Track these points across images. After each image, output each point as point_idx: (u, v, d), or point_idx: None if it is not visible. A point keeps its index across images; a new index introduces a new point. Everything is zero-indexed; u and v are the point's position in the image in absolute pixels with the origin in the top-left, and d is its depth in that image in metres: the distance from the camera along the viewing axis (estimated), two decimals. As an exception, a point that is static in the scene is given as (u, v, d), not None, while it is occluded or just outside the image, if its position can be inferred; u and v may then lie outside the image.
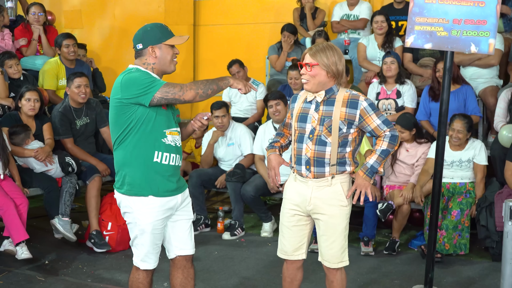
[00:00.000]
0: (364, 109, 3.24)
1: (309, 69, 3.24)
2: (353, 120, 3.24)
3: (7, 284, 4.51)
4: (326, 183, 3.30)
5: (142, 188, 3.15)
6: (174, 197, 3.24)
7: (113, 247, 5.21)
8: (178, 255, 3.37)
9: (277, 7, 7.99)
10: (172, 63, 3.24)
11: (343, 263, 3.39)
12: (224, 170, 6.07)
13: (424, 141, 5.47)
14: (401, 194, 5.22)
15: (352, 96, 3.26)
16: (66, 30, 7.54)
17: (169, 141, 3.19)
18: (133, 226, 3.23)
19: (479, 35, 3.83)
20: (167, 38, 3.20)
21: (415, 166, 5.42)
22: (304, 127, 3.30)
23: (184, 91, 3.04)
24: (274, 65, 7.10)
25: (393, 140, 3.27)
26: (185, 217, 3.35)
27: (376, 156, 3.28)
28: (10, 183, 4.86)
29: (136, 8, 8.37)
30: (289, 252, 3.46)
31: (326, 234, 3.35)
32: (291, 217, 3.41)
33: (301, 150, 3.31)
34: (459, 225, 4.97)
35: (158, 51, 3.19)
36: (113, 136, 3.21)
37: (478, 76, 6.12)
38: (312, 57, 3.25)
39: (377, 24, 6.55)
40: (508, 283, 3.85)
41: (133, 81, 3.09)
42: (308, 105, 3.33)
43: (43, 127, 5.35)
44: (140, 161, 3.14)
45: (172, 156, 3.21)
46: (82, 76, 5.47)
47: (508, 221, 3.83)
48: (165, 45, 3.20)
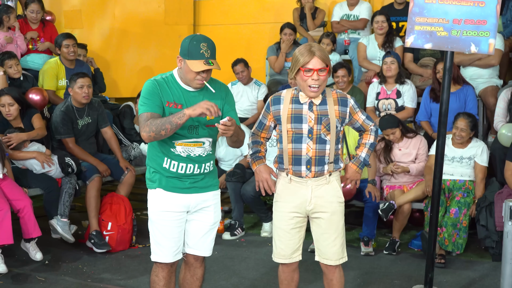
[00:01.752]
0: (352, 106, 3.35)
1: (323, 73, 3.19)
2: (345, 117, 3.34)
3: (7, 284, 4.51)
4: (324, 181, 3.32)
5: (153, 182, 3.29)
6: (186, 195, 3.27)
7: (113, 247, 5.21)
8: (188, 253, 3.43)
9: (277, 7, 7.99)
10: (193, 82, 3.15)
11: (343, 259, 3.42)
12: (224, 170, 6.07)
13: (412, 135, 5.50)
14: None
15: (341, 95, 3.35)
16: (66, 30, 7.53)
17: (178, 151, 3.21)
18: (149, 217, 3.36)
19: (479, 35, 3.83)
20: (191, 59, 3.08)
21: (415, 159, 5.44)
22: (301, 127, 3.27)
23: (141, 131, 3.11)
24: (273, 66, 7.10)
25: (377, 134, 3.48)
26: (203, 220, 3.36)
27: (366, 150, 3.46)
28: (10, 184, 4.83)
29: (136, 8, 8.37)
30: (287, 255, 3.43)
31: (328, 232, 3.36)
32: (290, 220, 3.38)
33: (299, 150, 3.29)
34: (458, 224, 4.97)
35: (183, 65, 3.16)
36: None
37: (478, 76, 6.12)
38: (324, 61, 3.19)
39: (377, 24, 6.55)
40: (508, 283, 3.85)
41: (142, 91, 3.20)
42: (300, 106, 3.29)
43: (31, 120, 5.31)
44: (153, 161, 3.29)
45: (182, 166, 3.23)
46: (85, 76, 5.48)
47: (508, 221, 3.83)
48: (187, 64, 3.12)
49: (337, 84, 6.00)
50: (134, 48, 8.28)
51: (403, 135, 5.47)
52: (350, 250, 5.24)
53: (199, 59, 3.08)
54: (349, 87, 6.14)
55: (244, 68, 6.66)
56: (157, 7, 8.30)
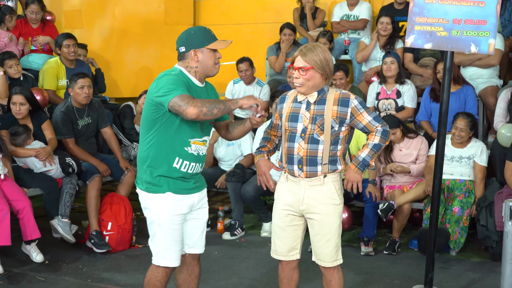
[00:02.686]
0: (355, 107, 3.26)
1: (303, 73, 3.21)
2: (345, 118, 3.26)
3: (7, 284, 4.51)
4: (318, 182, 3.30)
5: (160, 186, 3.21)
6: (191, 195, 3.30)
7: (113, 247, 5.21)
8: (188, 253, 3.42)
9: (277, 7, 7.99)
10: (214, 67, 3.23)
11: (337, 261, 3.40)
12: (224, 170, 6.07)
13: (414, 135, 5.50)
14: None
15: (343, 95, 3.28)
16: (66, 30, 7.54)
17: (192, 150, 3.22)
18: (151, 222, 3.29)
19: (479, 35, 3.82)
20: (210, 42, 3.19)
21: (416, 160, 5.44)
22: (296, 126, 3.29)
23: (188, 107, 2.99)
24: (273, 66, 7.10)
25: (384, 135, 3.29)
26: (201, 217, 3.41)
27: (368, 150, 3.30)
28: (10, 184, 4.83)
29: (136, 8, 8.37)
30: (283, 252, 3.45)
31: (321, 234, 3.35)
32: (285, 217, 3.40)
33: (292, 150, 3.30)
34: (460, 222, 4.98)
35: (201, 55, 3.18)
36: (142, 132, 3.27)
37: (478, 76, 6.12)
38: (305, 60, 3.21)
39: (382, 25, 6.55)
40: (508, 283, 3.85)
41: (162, 83, 3.10)
42: (298, 105, 3.32)
43: (42, 126, 5.33)
44: (161, 163, 3.21)
45: (192, 165, 3.25)
46: (85, 77, 5.48)
47: (508, 221, 3.83)
48: (208, 49, 3.19)
49: (335, 86, 6.00)
50: (134, 48, 8.28)
51: (404, 135, 5.47)
52: (350, 250, 5.28)
53: (216, 40, 3.20)
54: (348, 87, 6.13)
55: (248, 67, 6.65)
56: (157, 7, 8.30)
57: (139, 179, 3.31)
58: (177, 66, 3.25)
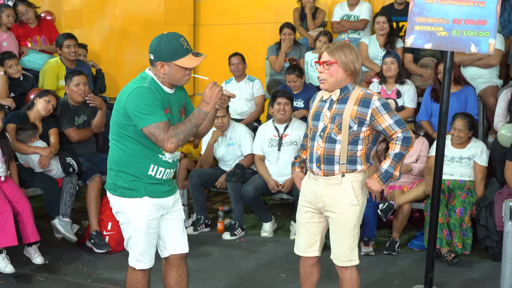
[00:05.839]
0: (376, 108, 3.22)
1: (327, 67, 3.24)
2: (364, 118, 3.23)
3: (7, 284, 4.52)
4: (336, 181, 3.30)
5: (137, 191, 3.17)
6: (167, 198, 3.29)
7: (113, 247, 5.21)
8: (173, 254, 3.40)
9: (277, 7, 7.99)
10: (183, 79, 3.13)
11: (352, 262, 3.38)
12: (224, 170, 6.07)
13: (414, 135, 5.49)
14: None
15: (366, 95, 3.25)
16: (66, 30, 7.54)
17: (166, 157, 3.21)
18: (126, 226, 3.25)
19: (479, 35, 3.83)
20: (179, 58, 3.04)
21: (417, 161, 5.44)
22: (317, 125, 3.33)
23: (165, 144, 2.99)
24: (273, 66, 7.10)
25: (405, 142, 3.26)
26: (178, 217, 3.40)
27: (390, 160, 3.28)
28: (11, 186, 4.82)
29: (136, 8, 8.37)
30: (302, 248, 3.50)
31: (335, 232, 3.37)
32: (304, 214, 3.46)
33: (313, 148, 3.34)
34: (463, 224, 4.98)
35: (168, 68, 3.08)
36: (112, 134, 3.20)
37: (478, 76, 6.12)
38: (330, 55, 3.24)
39: (378, 25, 6.56)
40: (508, 283, 3.85)
41: (138, 99, 3.02)
42: (323, 104, 3.36)
43: (49, 131, 5.34)
44: (135, 169, 3.16)
45: (167, 172, 3.24)
46: (80, 74, 5.46)
47: (508, 221, 3.83)
48: (175, 64, 3.06)
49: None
50: (134, 48, 8.28)
51: None
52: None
53: (186, 55, 3.06)
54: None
55: (240, 60, 6.68)
56: (157, 7, 8.30)
57: (111, 185, 3.24)
58: (148, 72, 3.16)
